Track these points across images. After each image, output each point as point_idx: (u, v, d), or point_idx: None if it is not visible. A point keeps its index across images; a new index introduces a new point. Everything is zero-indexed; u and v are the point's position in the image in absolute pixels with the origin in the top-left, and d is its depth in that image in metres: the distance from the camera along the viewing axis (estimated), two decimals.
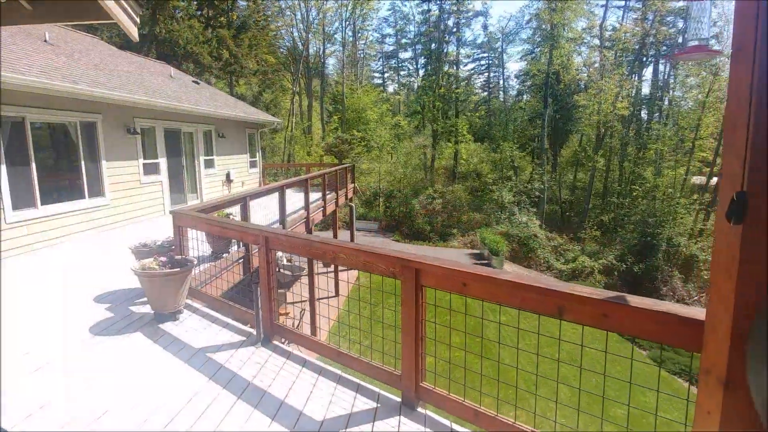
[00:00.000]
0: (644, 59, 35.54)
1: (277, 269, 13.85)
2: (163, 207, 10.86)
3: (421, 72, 50.01)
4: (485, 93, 50.85)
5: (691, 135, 30.43)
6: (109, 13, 3.48)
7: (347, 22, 45.11)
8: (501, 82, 49.44)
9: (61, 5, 3.65)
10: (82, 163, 8.49)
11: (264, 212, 8.68)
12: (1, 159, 6.83)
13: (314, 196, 11.71)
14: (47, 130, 7.99)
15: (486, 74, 50.29)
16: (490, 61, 49.05)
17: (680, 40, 34.46)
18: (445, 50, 43.83)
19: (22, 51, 8.12)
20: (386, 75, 56.74)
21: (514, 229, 27.75)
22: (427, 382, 3.12)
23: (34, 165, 7.42)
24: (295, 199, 11.19)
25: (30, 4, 3.52)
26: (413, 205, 31.18)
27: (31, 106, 7.39)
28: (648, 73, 37.79)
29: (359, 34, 47.45)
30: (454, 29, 43.77)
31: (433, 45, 44.22)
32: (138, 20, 3.88)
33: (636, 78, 35.51)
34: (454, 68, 45.18)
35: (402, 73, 55.83)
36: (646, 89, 37.39)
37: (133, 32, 3.82)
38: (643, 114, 37.33)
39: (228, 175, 14.39)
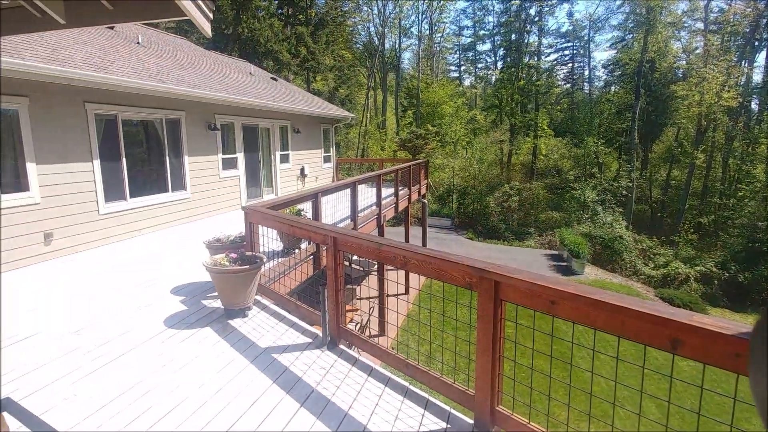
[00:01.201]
0: (756, 43, 31.66)
1: (348, 264, 13.92)
2: (239, 201, 11.25)
3: (500, 64, 48.44)
4: (568, 85, 48.21)
5: None
6: (184, 10, 3.44)
7: (424, 15, 44.73)
8: (586, 72, 46.66)
9: (140, 4, 3.67)
10: (167, 158, 8.94)
11: (336, 208, 8.65)
12: (96, 154, 7.33)
13: (386, 191, 11.57)
14: (136, 126, 8.47)
15: (570, 65, 47.64)
16: (575, 51, 46.39)
17: None
18: (525, 41, 42.02)
19: (117, 53, 8.68)
20: (463, 68, 55.69)
21: (597, 230, 25.92)
22: (503, 406, 2.79)
23: (124, 160, 7.90)
24: (367, 195, 11.11)
25: (110, 3, 3.55)
26: (488, 202, 30.24)
27: (123, 104, 7.86)
28: (761, 58, 33.73)
29: (436, 27, 46.88)
30: (537, 18, 41.78)
31: (513, 35, 42.57)
32: (211, 16, 3.85)
33: (746, 65, 31.79)
34: (535, 59, 43.17)
35: (479, 65, 54.50)
36: (757, 77, 33.32)
37: (206, 28, 3.78)
38: (754, 105, 33.29)
39: (302, 170, 14.66)
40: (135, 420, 2.92)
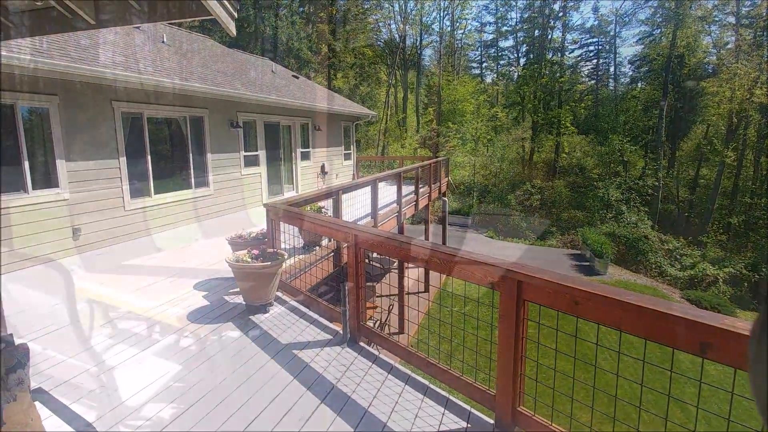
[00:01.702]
0: None
1: (368, 262, 13.93)
2: (261, 197, 11.35)
3: (522, 61, 47.63)
4: (592, 81, 47.21)
5: None
6: (210, 10, 3.48)
7: (445, 12, 44.37)
8: (612, 69, 45.58)
9: (167, 4, 3.72)
10: (190, 155, 9.08)
11: (356, 205, 8.67)
12: (122, 151, 7.49)
13: (407, 189, 11.55)
14: (160, 124, 8.62)
15: (594, 61, 46.62)
16: (600, 47, 45.35)
17: None
18: (549, 37, 41.30)
19: (143, 52, 8.85)
20: (484, 65, 54.91)
21: (621, 230, 25.38)
22: (525, 406, 2.76)
23: (149, 157, 8.06)
24: (387, 193, 11.11)
25: (139, 4, 3.61)
26: (509, 201, 29.91)
27: (148, 102, 8.01)
28: None
29: (457, 24, 46.44)
30: (561, 13, 41.02)
31: (537, 31, 41.89)
32: (235, 15, 3.89)
33: None
34: (559, 55, 42.40)
35: (501, 62, 53.64)
36: None
37: (231, 27, 3.83)
38: None
39: (323, 167, 14.73)
40: (158, 413, 2.98)
